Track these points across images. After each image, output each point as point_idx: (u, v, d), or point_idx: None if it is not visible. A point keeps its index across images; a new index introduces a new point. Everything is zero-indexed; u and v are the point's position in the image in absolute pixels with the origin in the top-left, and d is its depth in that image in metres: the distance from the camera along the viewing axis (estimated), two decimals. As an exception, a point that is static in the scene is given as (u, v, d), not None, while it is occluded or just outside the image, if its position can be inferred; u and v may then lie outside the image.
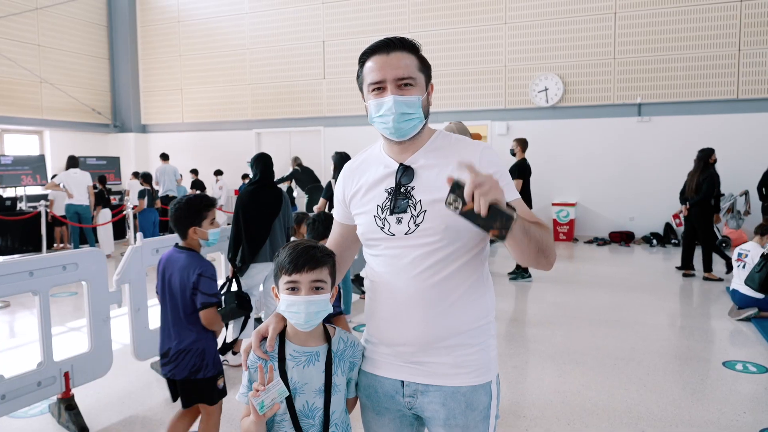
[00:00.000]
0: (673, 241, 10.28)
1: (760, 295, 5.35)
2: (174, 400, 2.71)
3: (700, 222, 7.38)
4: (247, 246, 4.31)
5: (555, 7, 11.10)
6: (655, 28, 10.51)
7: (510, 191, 1.48)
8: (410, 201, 1.51)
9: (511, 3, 11.40)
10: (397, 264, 1.53)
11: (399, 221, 1.52)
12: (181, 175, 12.96)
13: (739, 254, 5.71)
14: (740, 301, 5.53)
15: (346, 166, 1.70)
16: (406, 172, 1.53)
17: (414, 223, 1.50)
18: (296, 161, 10.83)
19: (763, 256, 3.39)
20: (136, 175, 11.69)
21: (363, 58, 1.54)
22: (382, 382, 1.60)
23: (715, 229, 9.99)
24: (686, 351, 4.63)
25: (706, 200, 7.35)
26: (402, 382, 1.57)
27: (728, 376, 4.08)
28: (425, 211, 1.49)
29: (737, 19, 10.06)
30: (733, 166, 9.77)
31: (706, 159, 7.43)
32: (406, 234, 1.51)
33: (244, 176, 12.91)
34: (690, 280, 7.31)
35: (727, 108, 10.21)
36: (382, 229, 1.54)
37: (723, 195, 9.91)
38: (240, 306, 4.24)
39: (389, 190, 1.55)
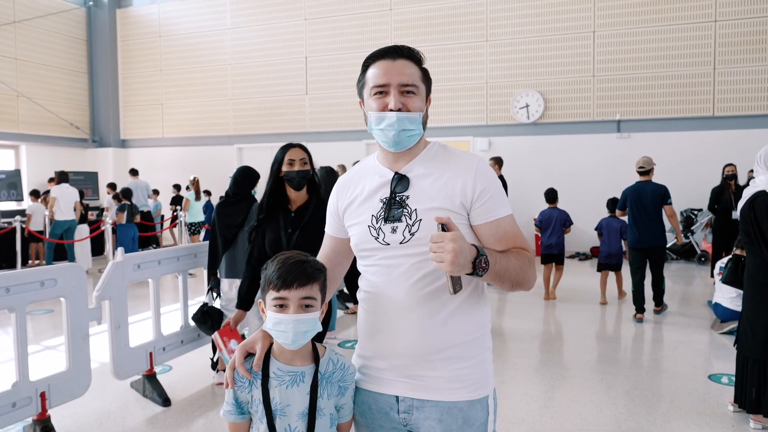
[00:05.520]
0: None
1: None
2: None
3: None
4: (209, 258, 4.31)
5: (535, 26, 11.28)
6: (633, 47, 10.73)
7: (500, 208, 1.52)
8: (405, 210, 1.50)
9: (492, 21, 11.55)
10: (392, 274, 1.51)
11: (394, 230, 1.51)
12: (153, 191, 12.73)
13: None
14: (722, 315, 5.58)
15: (340, 179, 1.70)
16: (401, 181, 1.53)
17: (409, 232, 1.49)
18: (343, 169, 9.44)
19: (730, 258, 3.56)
20: (112, 187, 11.32)
21: (367, 63, 1.55)
22: (376, 398, 1.56)
23: (693, 244, 10.17)
24: (672, 365, 4.64)
25: None
26: (397, 397, 1.53)
27: (714, 389, 4.09)
28: (420, 220, 1.48)
29: (712, 39, 10.31)
30: (709, 182, 9.93)
31: None
32: (401, 243, 1.50)
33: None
34: (672, 294, 7.36)
35: (704, 125, 10.42)
36: (376, 238, 1.53)
37: (701, 210, 10.08)
38: (194, 318, 4.19)
39: (384, 199, 1.54)
